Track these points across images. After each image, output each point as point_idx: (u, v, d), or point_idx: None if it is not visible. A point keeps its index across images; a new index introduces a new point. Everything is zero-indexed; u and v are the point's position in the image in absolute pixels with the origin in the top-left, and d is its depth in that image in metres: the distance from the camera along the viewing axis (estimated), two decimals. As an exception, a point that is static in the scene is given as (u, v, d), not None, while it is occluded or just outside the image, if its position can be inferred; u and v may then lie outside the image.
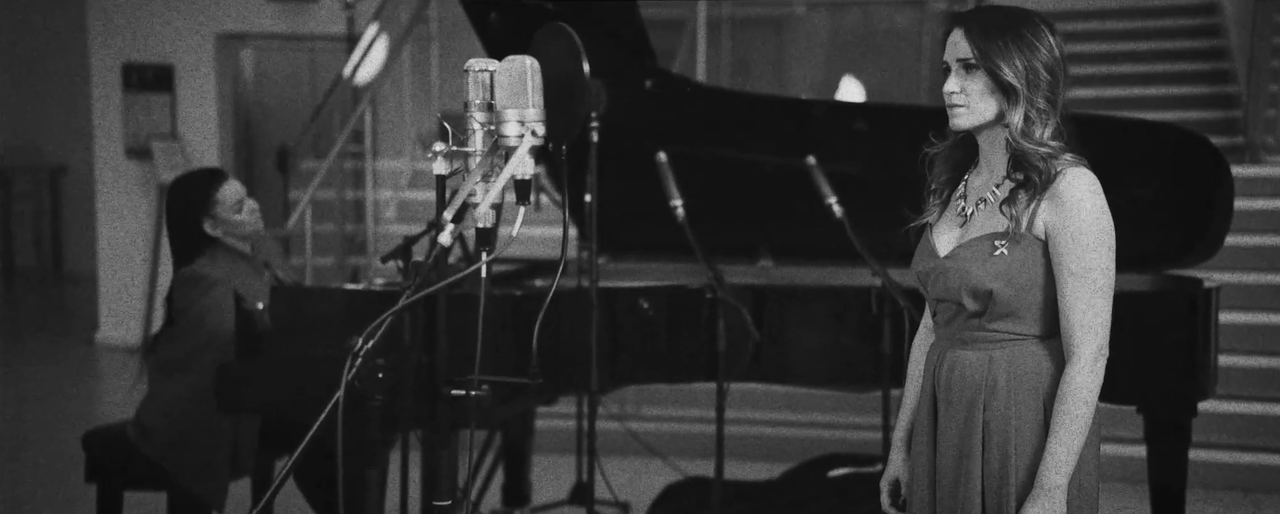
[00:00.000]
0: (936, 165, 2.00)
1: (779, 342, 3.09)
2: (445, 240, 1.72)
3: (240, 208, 3.21)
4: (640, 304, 3.17)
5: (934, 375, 1.95)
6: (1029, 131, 1.82)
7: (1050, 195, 1.82)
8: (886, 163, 3.40)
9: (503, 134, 1.74)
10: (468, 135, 1.80)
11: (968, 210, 1.93)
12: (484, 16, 3.26)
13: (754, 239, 3.76)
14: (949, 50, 1.87)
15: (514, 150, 1.74)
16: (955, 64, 1.86)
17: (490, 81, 1.79)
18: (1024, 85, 1.82)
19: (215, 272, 3.14)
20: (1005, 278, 1.84)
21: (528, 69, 1.74)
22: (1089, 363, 1.79)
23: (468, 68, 1.80)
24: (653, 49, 3.44)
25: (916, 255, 2.00)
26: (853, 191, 3.18)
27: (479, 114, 1.80)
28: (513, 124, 1.74)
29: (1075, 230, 1.79)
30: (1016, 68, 1.81)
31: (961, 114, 1.87)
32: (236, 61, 7.81)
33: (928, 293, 1.98)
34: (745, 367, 3.04)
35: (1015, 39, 1.82)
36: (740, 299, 3.03)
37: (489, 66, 1.79)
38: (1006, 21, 1.83)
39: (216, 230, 3.17)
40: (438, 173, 1.80)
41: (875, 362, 2.97)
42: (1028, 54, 1.82)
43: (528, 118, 1.74)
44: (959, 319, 1.91)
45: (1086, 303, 1.79)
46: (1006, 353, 1.86)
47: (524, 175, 1.75)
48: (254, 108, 8.45)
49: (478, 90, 1.79)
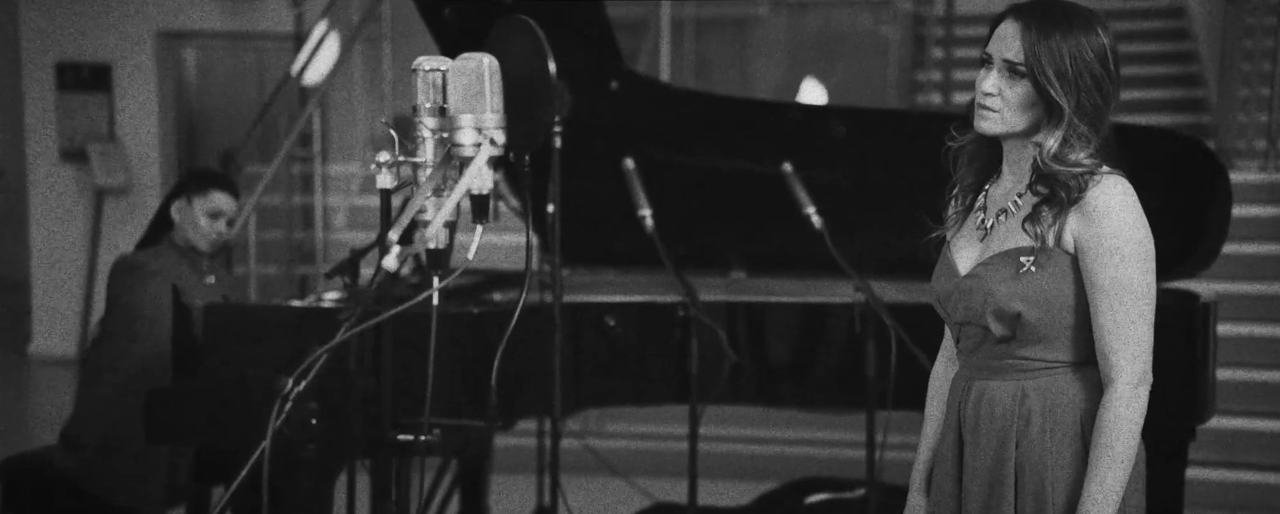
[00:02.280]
0: (961, 164, 1.81)
1: (756, 362, 2.90)
2: (390, 265, 1.50)
3: (215, 217, 3.12)
4: (606, 321, 2.97)
5: (959, 408, 1.77)
6: (1063, 155, 1.64)
7: (1080, 205, 1.64)
8: (867, 170, 3.27)
9: (457, 143, 1.53)
10: (417, 144, 1.58)
11: (988, 222, 1.75)
12: (437, 12, 3.04)
13: (725, 250, 3.57)
14: (996, 43, 1.68)
15: (470, 161, 1.53)
16: (1001, 62, 1.67)
17: (443, 82, 1.57)
18: (1072, 107, 1.63)
19: (155, 263, 3.04)
20: (1034, 299, 1.66)
21: (485, 69, 1.52)
22: (1129, 391, 1.62)
23: (416, 67, 1.58)
24: (618, 47, 3.23)
25: (934, 275, 1.81)
26: (832, 200, 3.01)
27: (429, 120, 1.58)
28: (468, 131, 1.52)
29: (1109, 243, 1.62)
30: (1068, 84, 1.63)
31: (991, 119, 1.69)
32: (179, 61, 7.54)
33: (948, 316, 1.79)
34: (722, 389, 2.83)
35: (1074, 48, 1.63)
36: (716, 316, 2.83)
37: (440, 66, 1.58)
38: (1067, 24, 1.63)
39: (178, 216, 3.09)
40: (382, 187, 1.58)
41: (859, 383, 2.78)
42: (1083, 70, 1.63)
43: (485, 124, 1.52)
44: (985, 345, 1.73)
45: (1124, 324, 1.62)
46: (1039, 383, 1.69)
47: (481, 189, 1.53)
48: (197, 109, 8.15)
49: (428, 92, 1.58)
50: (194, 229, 3.08)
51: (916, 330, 2.72)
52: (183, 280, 3.00)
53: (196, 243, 3.10)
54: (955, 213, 1.80)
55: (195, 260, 3.13)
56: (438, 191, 1.57)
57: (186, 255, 3.11)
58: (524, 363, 2.84)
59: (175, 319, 2.85)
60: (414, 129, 1.58)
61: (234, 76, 8.29)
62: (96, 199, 6.96)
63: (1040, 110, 1.65)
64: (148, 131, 7.04)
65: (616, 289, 3.27)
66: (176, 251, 3.09)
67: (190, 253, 3.12)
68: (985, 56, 1.69)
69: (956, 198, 1.81)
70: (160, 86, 7.05)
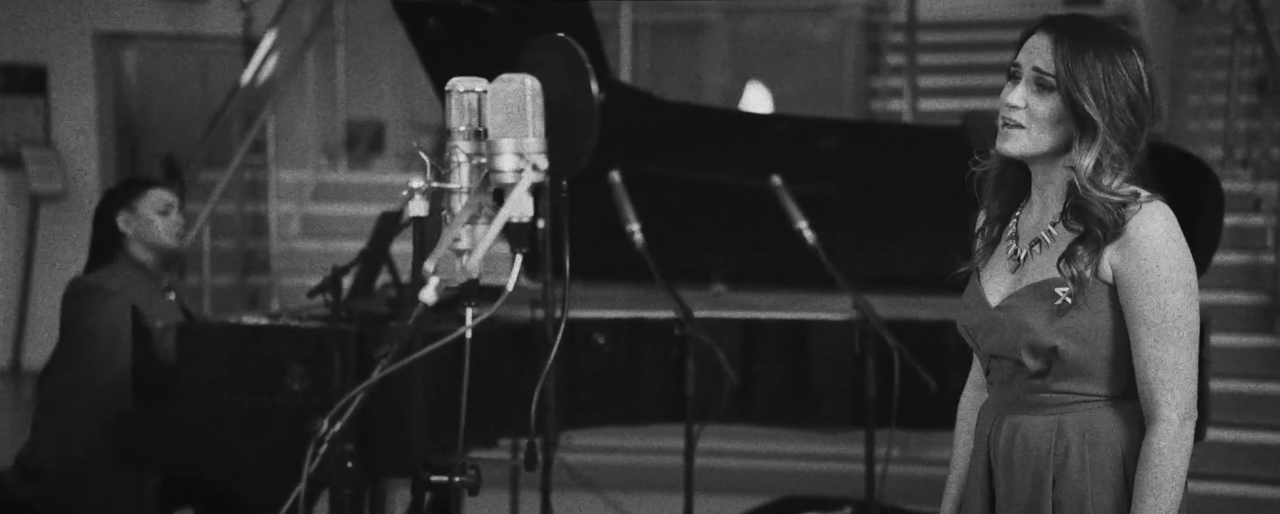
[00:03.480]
0: (987, 191, 1.73)
1: (753, 381, 2.85)
2: (429, 298, 1.42)
3: (167, 212, 2.98)
4: (596, 339, 2.90)
5: (989, 443, 1.70)
6: (1098, 179, 1.57)
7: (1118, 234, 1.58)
8: (858, 183, 3.24)
9: (496, 169, 1.45)
10: (450, 169, 1.49)
11: (1020, 252, 1.68)
12: (419, 21, 2.94)
13: (707, 262, 3.52)
14: (1025, 54, 1.61)
15: (510, 187, 1.45)
16: (1030, 72, 1.60)
17: (478, 104, 1.49)
18: (1106, 125, 1.57)
19: (112, 283, 2.89)
20: (1070, 332, 1.59)
21: (527, 91, 1.45)
22: (1176, 427, 1.55)
23: (450, 88, 1.50)
24: (605, 56, 3.16)
25: (962, 305, 1.74)
26: (821, 213, 2.97)
27: (465, 144, 1.50)
28: (509, 157, 1.44)
29: (1150, 274, 1.55)
30: (1102, 101, 1.56)
31: (1017, 137, 1.61)
32: (118, 63, 7.29)
33: (978, 349, 1.73)
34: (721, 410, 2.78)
35: (1108, 65, 1.56)
36: (715, 334, 2.77)
37: (475, 87, 1.50)
38: (1102, 41, 1.57)
39: (129, 227, 2.94)
40: (415, 214, 1.50)
41: (859, 404, 2.75)
42: (1116, 86, 1.56)
43: (527, 149, 1.44)
44: (1018, 379, 1.66)
45: (1168, 358, 1.56)
46: (1077, 417, 1.62)
47: (522, 217, 1.45)
48: (138, 113, 7.89)
49: (463, 115, 1.49)
50: (152, 231, 2.95)
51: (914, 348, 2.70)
52: (143, 299, 2.88)
53: (161, 242, 2.97)
54: (984, 247, 1.73)
55: (155, 276, 3.00)
56: (473, 220, 1.49)
57: (145, 271, 2.98)
58: (510, 381, 2.77)
59: (135, 341, 2.76)
60: (446, 152, 1.50)
61: (176, 80, 8.04)
62: (31, 206, 6.71)
63: (1069, 127, 1.58)
64: (85, 136, 6.81)
65: (604, 304, 3.19)
66: (134, 268, 2.96)
67: (150, 269, 2.99)
68: (1012, 69, 1.62)
69: (984, 230, 1.74)
70: (99, 89, 6.83)
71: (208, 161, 5.71)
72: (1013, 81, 1.62)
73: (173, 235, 2.99)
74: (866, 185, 3.19)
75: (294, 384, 2.81)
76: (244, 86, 5.46)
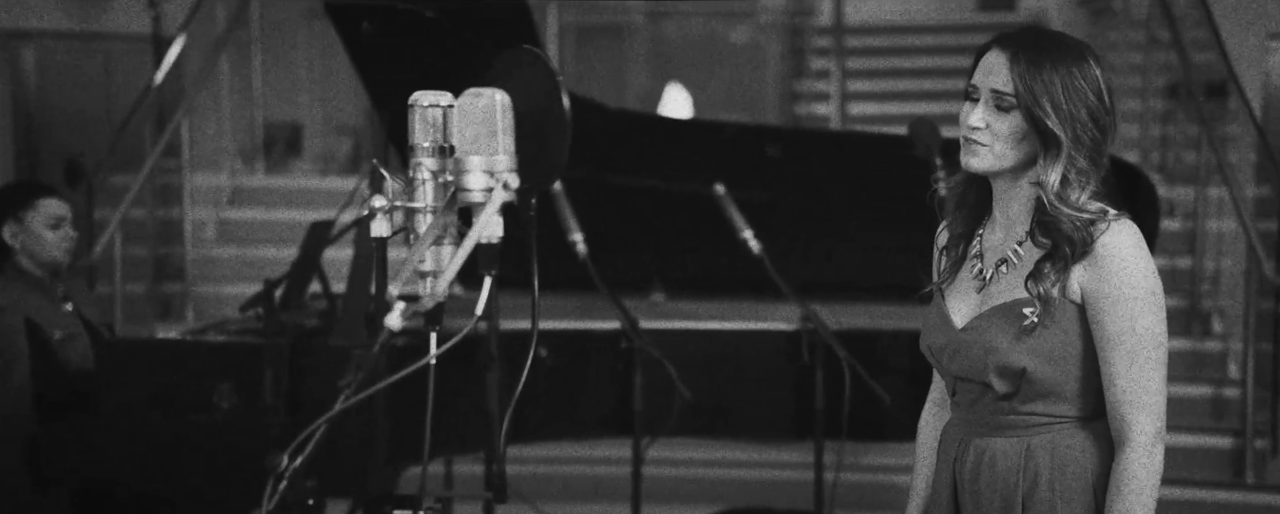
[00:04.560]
0: (949, 209, 1.71)
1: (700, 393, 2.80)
2: (394, 324, 1.34)
3: (57, 226, 2.83)
4: (537, 352, 2.83)
5: (953, 466, 1.67)
6: (1065, 195, 1.55)
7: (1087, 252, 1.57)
8: (802, 191, 3.22)
9: (465, 188, 1.37)
10: (414, 187, 1.42)
11: (986, 272, 1.65)
12: (354, 26, 2.83)
13: (646, 271, 3.47)
14: (981, 74, 1.59)
15: (478, 207, 1.38)
16: (988, 94, 1.58)
17: (443, 119, 1.42)
18: (1069, 139, 1.55)
19: (1, 297, 2.75)
20: (1039, 352, 1.57)
21: (497, 106, 1.38)
22: (1145, 448, 1.54)
23: (413, 102, 1.42)
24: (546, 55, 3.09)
25: (925, 326, 1.70)
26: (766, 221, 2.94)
27: (429, 161, 1.42)
28: (478, 175, 1.37)
29: (1118, 292, 1.54)
30: (1063, 115, 1.54)
31: (981, 154, 1.59)
32: (16, 61, 6.96)
33: (943, 370, 1.69)
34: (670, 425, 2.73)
35: (1066, 78, 1.54)
36: (664, 346, 2.72)
37: (440, 101, 1.42)
38: (1058, 54, 1.55)
39: (15, 239, 2.80)
40: (378, 235, 1.41)
41: (807, 415, 2.72)
42: (1077, 99, 1.54)
43: (497, 167, 1.37)
44: (985, 401, 1.63)
45: (1138, 377, 1.55)
46: (1045, 439, 1.60)
47: (492, 238, 1.38)
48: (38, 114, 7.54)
49: (427, 131, 1.41)
50: (41, 246, 2.82)
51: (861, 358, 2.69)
52: (37, 311, 2.76)
53: (50, 258, 2.83)
54: (948, 267, 1.70)
55: (48, 286, 2.86)
56: (438, 241, 1.41)
57: (37, 283, 2.84)
58: (449, 397, 2.69)
59: (34, 354, 2.66)
60: (411, 171, 1.42)
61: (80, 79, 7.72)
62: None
63: (1033, 144, 1.56)
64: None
65: (545, 315, 3.11)
66: (24, 280, 2.82)
67: (41, 279, 2.84)
68: (970, 89, 1.60)
69: (947, 250, 1.71)
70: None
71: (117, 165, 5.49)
72: (971, 102, 1.60)
73: (63, 251, 2.84)
74: (811, 193, 3.18)
75: (222, 402, 2.70)
76: (155, 87, 5.25)
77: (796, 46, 7.31)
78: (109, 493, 2.72)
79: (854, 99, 6.38)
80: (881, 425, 2.75)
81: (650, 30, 7.85)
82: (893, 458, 3.91)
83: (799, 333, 2.76)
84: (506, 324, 2.86)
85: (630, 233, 3.42)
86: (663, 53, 7.90)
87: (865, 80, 6.72)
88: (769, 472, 4.40)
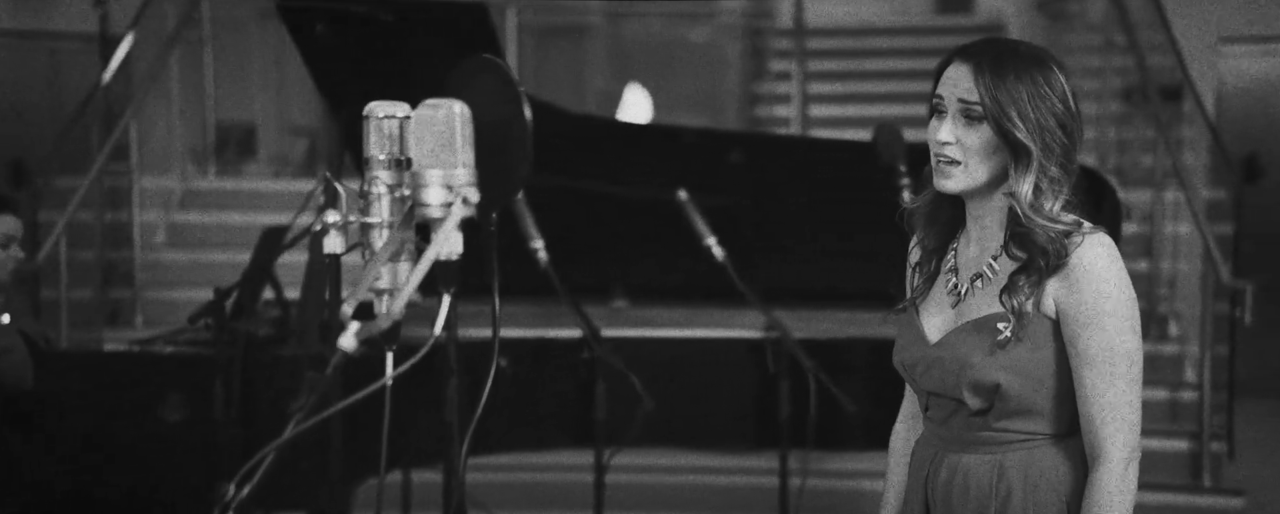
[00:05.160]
0: (919, 227, 1.68)
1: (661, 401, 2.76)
2: (349, 345, 1.28)
3: (6, 244, 2.77)
4: (497, 362, 2.77)
5: (925, 483, 1.65)
6: (1039, 205, 1.52)
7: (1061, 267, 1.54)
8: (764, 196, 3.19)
9: (423, 203, 1.32)
10: (370, 202, 1.36)
11: (961, 287, 1.62)
12: (308, 29, 2.76)
13: (607, 277, 3.43)
14: (946, 86, 1.55)
15: (437, 222, 1.32)
16: (956, 105, 1.54)
17: (400, 132, 1.36)
18: (1040, 149, 1.52)
19: None
20: (1013, 367, 1.54)
21: (457, 118, 1.32)
22: (1120, 467, 1.51)
23: (368, 113, 1.36)
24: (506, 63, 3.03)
25: (899, 341, 1.67)
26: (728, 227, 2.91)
27: (384, 174, 1.36)
28: (437, 189, 1.32)
29: (1094, 307, 1.51)
30: (1032, 125, 1.51)
31: (955, 175, 1.56)
32: (-43, 60, 6.77)
33: (916, 386, 1.67)
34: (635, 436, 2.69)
35: (1031, 88, 1.51)
36: (626, 354, 2.67)
37: (396, 112, 1.37)
38: (1021, 63, 1.52)
39: None
40: (331, 251, 1.36)
41: (772, 425, 2.69)
42: (1044, 108, 1.51)
43: (456, 181, 1.32)
44: (958, 417, 1.60)
45: (1113, 394, 1.52)
46: (1018, 457, 1.58)
47: (451, 255, 1.33)
48: (-20, 114, 7.35)
49: (383, 143, 1.36)
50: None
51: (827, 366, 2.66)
52: None
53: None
54: (922, 282, 1.67)
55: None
56: (395, 257, 1.36)
57: None
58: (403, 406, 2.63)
59: None
60: (366, 184, 1.36)
61: (22, 79, 7.53)
62: None
63: (1004, 157, 1.53)
64: (-80, 139, 6.29)
65: (504, 322, 3.05)
66: None
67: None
68: (935, 103, 1.57)
69: (919, 266, 1.68)
70: (-65, 88, 6.33)
71: (63, 167, 5.35)
72: (938, 116, 1.57)
73: (7, 271, 2.76)
74: (775, 199, 3.15)
75: (170, 415, 2.63)
76: (103, 87, 5.12)
77: (756, 48, 7.30)
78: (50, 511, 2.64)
79: (815, 101, 6.38)
80: (848, 434, 2.73)
81: (610, 31, 7.80)
82: (859, 464, 3.90)
83: (763, 342, 2.73)
84: (467, 332, 2.81)
85: (592, 239, 3.37)
86: (622, 54, 7.86)
87: (826, 82, 6.72)
88: (734, 478, 4.37)
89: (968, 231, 1.65)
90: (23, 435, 2.58)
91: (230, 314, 2.88)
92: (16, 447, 2.57)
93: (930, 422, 1.67)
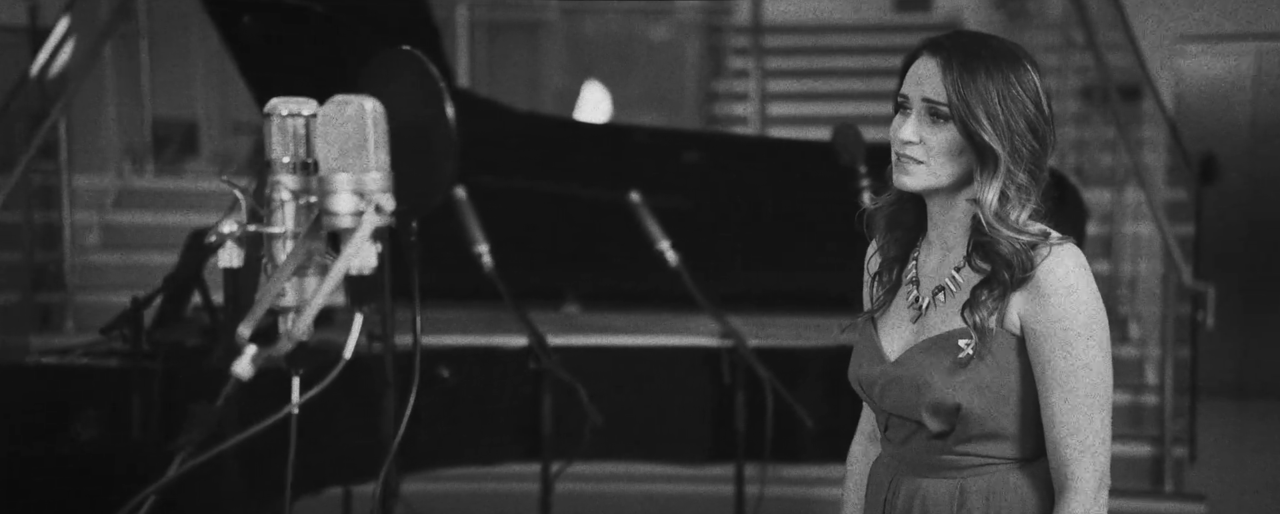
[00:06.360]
0: (880, 231, 1.56)
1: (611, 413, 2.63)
2: (244, 371, 1.14)
3: None
4: (439, 371, 2.64)
5: (883, 506, 1.54)
6: (1004, 214, 1.42)
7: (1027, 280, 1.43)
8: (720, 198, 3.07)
9: (330, 211, 1.18)
10: (272, 209, 1.22)
11: (922, 301, 1.51)
12: (233, 19, 2.59)
13: (558, 282, 3.29)
14: (911, 84, 1.44)
15: (347, 233, 1.18)
16: (921, 104, 1.43)
17: (305, 131, 1.22)
18: (1007, 153, 1.41)
19: None
20: (975, 387, 1.43)
21: (367, 116, 1.18)
22: (1089, 495, 1.41)
23: (270, 111, 1.22)
24: (447, 61, 2.89)
25: (855, 357, 1.56)
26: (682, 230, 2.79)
27: (289, 179, 1.22)
28: (346, 196, 1.18)
29: (1059, 325, 1.40)
30: (1000, 127, 1.40)
31: (916, 172, 1.45)
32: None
33: (874, 405, 1.55)
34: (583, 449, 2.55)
35: (1002, 87, 1.40)
36: (576, 363, 2.54)
37: (301, 109, 1.22)
38: (992, 60, 1.41)
39: None
40: (226, 266, 1.21)
41: (727, 437, 2.57)
42: (1014, 109, 1.40)
43: (368, 186, 1.18)
44: (918, 439, 1.49)
45: (1081, 417, 1.41)
46: (982, 482, 1.47)
47: (363, 269, 1.19)
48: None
49: (287, 144, 1.21)
50: None
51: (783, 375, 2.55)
52: None
53: None
54: (882, 294, 1.55)
55: None
56: (300, 271, 1.21)
57: None
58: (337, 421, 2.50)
59: None
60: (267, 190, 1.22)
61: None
62: None
63: (969, 159, 1.43)
64: None
65: (446, 328, 2.89)
66: None
67: None
68: (900, 101, 1.46)
69: (880, 275, 1.56)
70: None
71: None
72: (903, 113, 1.46)
73: None
74: (731, 201, 3.03)
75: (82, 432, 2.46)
76: (31, 81, 4.89)
77: (715, 45, 7.19)
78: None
79: (773, 99, 6.27)
80: (806, 446, 2.61)
81: (566, 28, 7.66)
82: (817, 471, 3.80)
83: (719, 351, 2.60)
84: (405, 341, 2.66)
85: (541, 242, 3.24)
86: (579, 51, 7.71)
87: (784, 80, 6.62)
88: (687, 487, 4.24)
89: (929, 240, 1.54)
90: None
91: (153, 324, 2.71)
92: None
93: (889, 443, 1.55)
